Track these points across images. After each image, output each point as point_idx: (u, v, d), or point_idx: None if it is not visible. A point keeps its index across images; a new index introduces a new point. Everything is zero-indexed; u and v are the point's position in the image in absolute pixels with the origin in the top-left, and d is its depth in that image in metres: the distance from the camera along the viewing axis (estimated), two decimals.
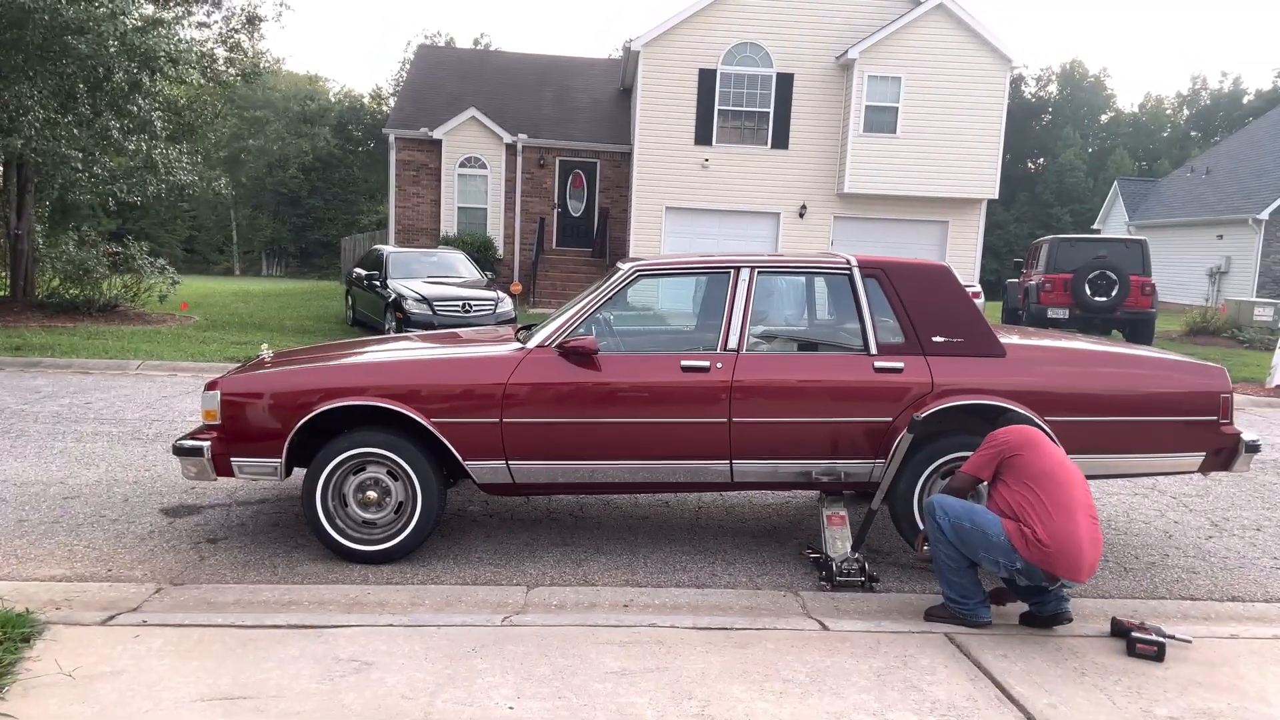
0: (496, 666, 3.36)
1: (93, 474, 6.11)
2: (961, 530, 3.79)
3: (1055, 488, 3.68)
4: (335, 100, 52.72)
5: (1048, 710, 3.18)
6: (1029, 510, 3.67)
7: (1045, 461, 3.77)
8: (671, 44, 20.27)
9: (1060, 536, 3.59)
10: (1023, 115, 49.20)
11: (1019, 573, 3.72)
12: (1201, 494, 6.67)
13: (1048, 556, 3.60)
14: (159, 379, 10.17)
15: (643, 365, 4.55)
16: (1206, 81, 55.69)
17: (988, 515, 3.78)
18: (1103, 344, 5.32)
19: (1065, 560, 3.59)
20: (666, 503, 5.95)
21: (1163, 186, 33.18)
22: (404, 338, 5.68)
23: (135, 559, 4.61)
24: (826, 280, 4.99)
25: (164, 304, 16.21)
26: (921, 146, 20.03)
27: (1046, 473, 3.73)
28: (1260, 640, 3.91)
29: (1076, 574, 3.61)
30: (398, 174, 22.13)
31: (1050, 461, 3.77)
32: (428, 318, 12.51)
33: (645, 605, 4.13)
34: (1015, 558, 3.68)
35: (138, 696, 3.05)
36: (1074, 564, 3.59)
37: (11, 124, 13.51)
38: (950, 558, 3.85)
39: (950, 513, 3.83)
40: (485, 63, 26.57)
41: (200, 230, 46.93)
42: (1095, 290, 15.58)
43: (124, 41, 12.84)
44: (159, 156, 15.81)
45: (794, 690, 3.26)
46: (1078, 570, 3.60)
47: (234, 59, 18.70)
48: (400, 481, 4.54)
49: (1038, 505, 3.66)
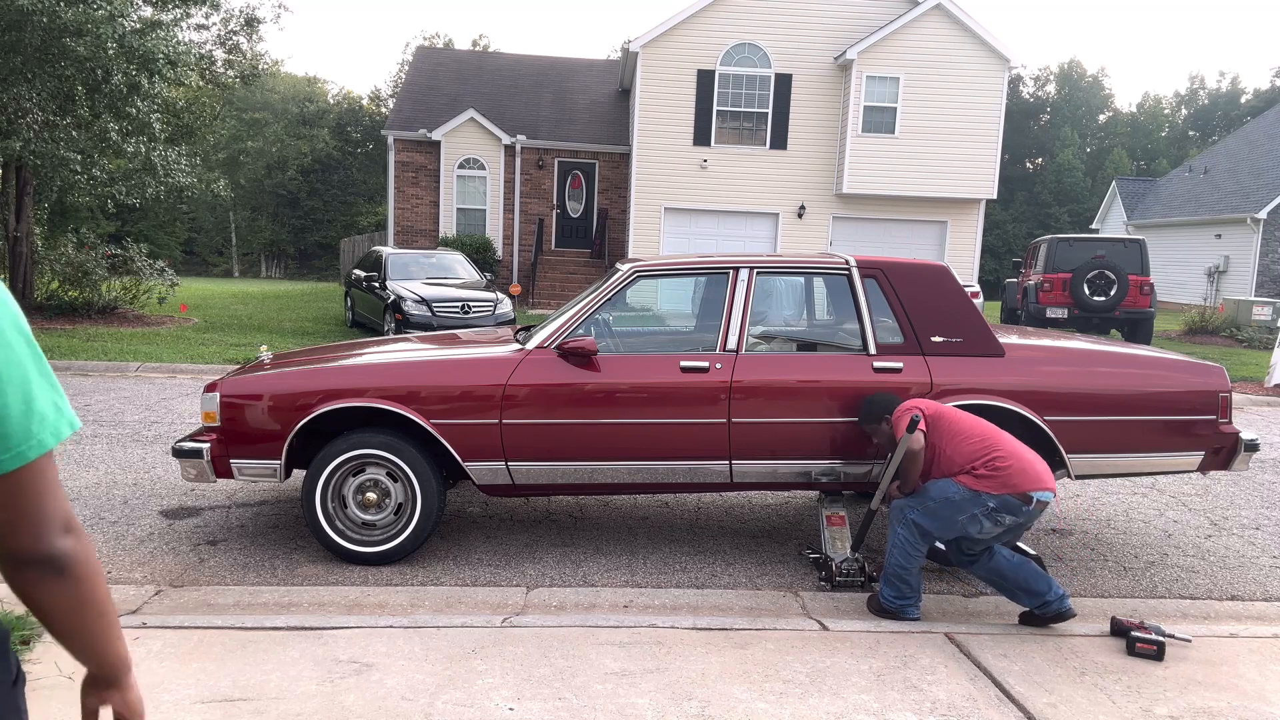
0: (496, 667, 3.36)
1: (92, 476, 6.10)
2: (931, 511, 3.89)
3: (975, 423, 3.99)
4: (334, 102, 52.72)
5: (1048, 710, 3.19)
6: (971, 450, 3.86)
7: (953, 412, 4.09)
8: (670, 45, 20.28)
9: (1007, 453, 3.81)
10: (1021, 115, 49.24)
11: (997, 512, 3.79)
12: (1201, 493, 6.67)
13: (1009, 475, 3.75)
14: (158, 381, 10.16)
15: (642, 366, 4.56)
16: (1204, 81, 55.71)
17: (938, 483, 3.92)
18: (1101, 343, 5.32)
19: (1024, 469, 3.76)
20: (666, 503, 5.95)
21: (1161, 186, 33.20)
22: (403, 339, 5.68)
23: (135, 561, 4.61)
24: (825, 280, 5.00)
25: (163, 306, 16.21)
26: (920, 147, 20.04)
27: (961, 416, 4.05)
28: (1260, 639, 3.91)
29: (1039, 479, 3.76)
30: (396, 175, 22.13)
31: (956, 411, 4.10)
32: (427, 319, 12.51)
33: (645, 606, 4.13)
34: (984, 499, 3.77)
35: None
36: (1033, 469, 3.77)
37: (10, 126, 13.50)
38: (912, 555, 3.95)
39: (915, 504, 3.95)
40: (484, 64, 26.58)
41: (199, 232, 46.91)
42: (1094, 290, 15.59)
43: (122, 43, 12.83)
44: (158, 158, 15.80)
45: (794, 690, 3.26)
46: (1038, 475, 3.76)
47: (233, 61, 18.72)
48: (400, 483, 4.54)
49: (975, 441, 3.89)
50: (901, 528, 3.95)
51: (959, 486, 3.84)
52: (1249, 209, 24.83)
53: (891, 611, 3.99)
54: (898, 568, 3.96)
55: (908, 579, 3.97)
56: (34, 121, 13.57)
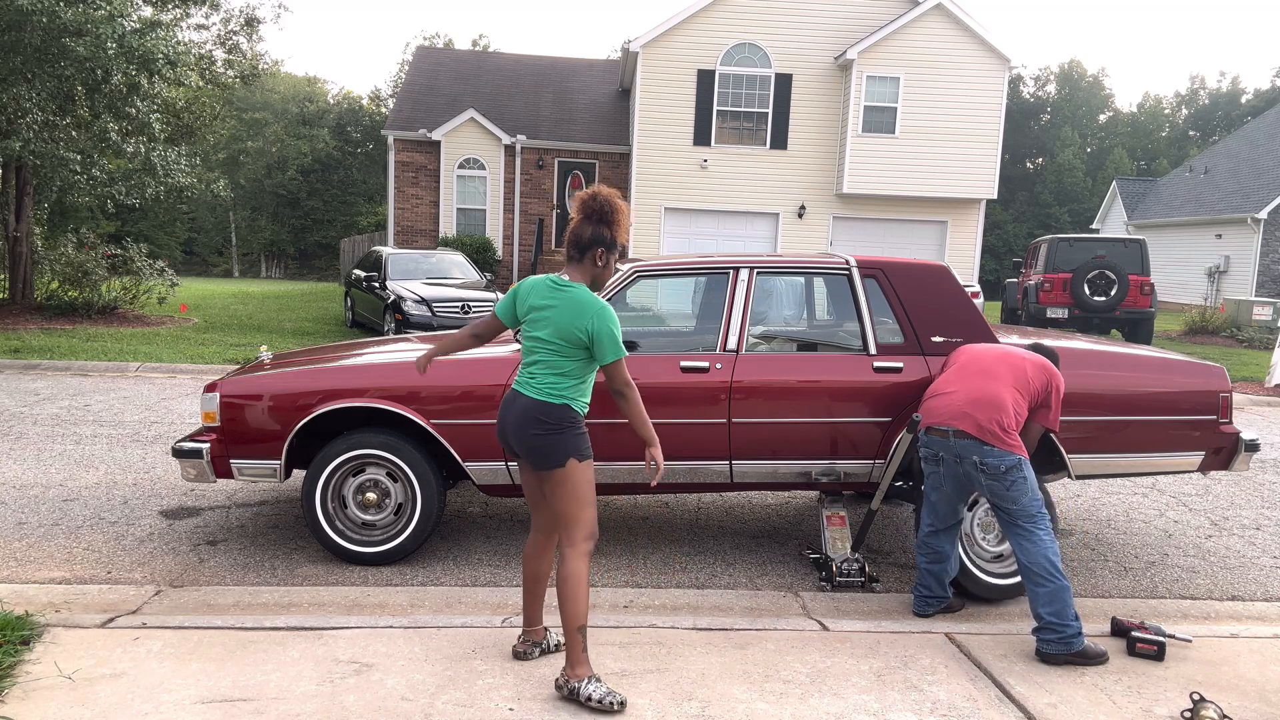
0: (496, 668, 3.36)
1: (92, 476, 6.10)
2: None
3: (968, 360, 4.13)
4: (334, 102, 52.73)
5: (1048, 710, 3.18)
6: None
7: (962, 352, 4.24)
8: (670, 45, 20.28)
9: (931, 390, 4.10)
10: (1021, 115, 49.23)
11: (924, 447, 4.02)
12: (1201, 493, 6.67)
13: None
14: (158, 381, 10.16)
15: (642, 366, 4.55)
16: (1205, 81, 55.74)
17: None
18: (1102, 343, 5.32)
19: (929, 407, 4.00)
20: (666, 503, 5.95)
21: (1161, 186, 33.20)
22: (403, 339, 5.68)
23: (135, 561, 4.60)
24: (825, 280, 4.99)
25: (163, 306, 16.20)
26: (920, 146, 20.03)
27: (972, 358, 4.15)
28: (1260, 639, 3.91)
29: (929, 414, 3.95)
30: (396, 175, 22.13)
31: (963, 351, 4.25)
32: (427, 319, 12.51)
33: (645, 606, 4.13)
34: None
35: (138, 699, 3.05)
36: (932, 407, 3.97)
37: (10, 126, 13.51)
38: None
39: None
40: (484, 64, 26.57)
41: (199, 232, 46.92)
42: (1094, 290, 15.60)
43: (122, 43, 12.83)
44: (157, 158, 15.81)
45: (794, 691, 3.26)
46: (929, 410, 3.97)
47: (232, 61, 18.74)
48: (400, 483, 4.54)
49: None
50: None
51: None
52: (1249, 209, 24.83)
53: (1073, 654, 3.57)
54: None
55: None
56: (34, 121, 13.57)
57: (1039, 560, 3.62)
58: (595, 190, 3.23)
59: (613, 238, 3.22)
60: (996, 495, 3.73)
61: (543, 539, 3.42)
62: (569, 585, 3.12)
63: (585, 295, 3.14)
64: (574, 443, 3.15)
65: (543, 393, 3.16)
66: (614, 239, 3.22)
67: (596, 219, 3.21)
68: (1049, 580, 3.58)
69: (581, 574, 3.13)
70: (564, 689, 3.13)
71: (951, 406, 3.85)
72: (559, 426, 3.14)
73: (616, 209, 3.21)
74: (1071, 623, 3.54)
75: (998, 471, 3.68)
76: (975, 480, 3.78)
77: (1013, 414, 3.76)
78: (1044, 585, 3.59)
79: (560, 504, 3.17)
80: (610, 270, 3.27)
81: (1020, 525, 3.68)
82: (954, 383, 3.96)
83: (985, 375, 3.89)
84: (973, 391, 3.84)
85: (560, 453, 3.13)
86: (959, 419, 3.79)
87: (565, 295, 3.17)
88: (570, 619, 3.13)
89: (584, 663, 3.13)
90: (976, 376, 3.90)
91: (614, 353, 3.13)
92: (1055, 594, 3.56)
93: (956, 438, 3.79)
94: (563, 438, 3.14)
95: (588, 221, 3.21)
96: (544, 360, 3.19)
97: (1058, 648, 3.54)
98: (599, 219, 3.21)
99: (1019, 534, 3.69)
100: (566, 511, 3.16)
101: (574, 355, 3.15)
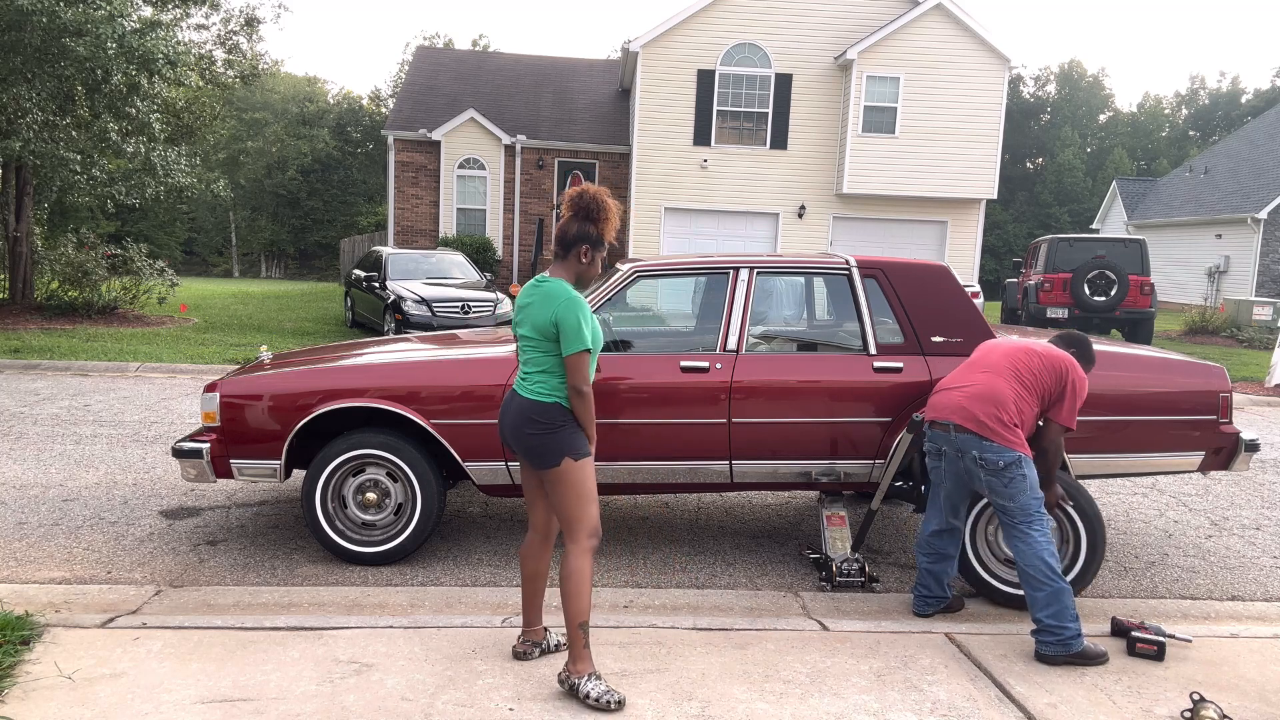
0: (496, 668, 3.36)
1: (92, 476, 6.10)
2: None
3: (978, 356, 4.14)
4: (334, 102, 52.72)
5: (1048, 710, 3.18)
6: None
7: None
8: (670, 45, 20.28)
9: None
10: (1021, 115, 49.23)
11: (930, 442, 4.05)
12: (1201, 493, 6.67)
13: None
14: (158, 381, 10.16)
15: (642, 366, 4.55)
16: (1205, 81, 55.74)
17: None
18: (1102, 344, 5.32)
19: (931, 402, 4.04)
20: (666, 503, 5.95)
21: (1161, 186, 33.20)
22: (403, 339, 5.68)
23: (135, 561, 4.60)
24: (825, 281, 4.99)
25: (163, 306, 16.20)
26: (920, 146, 20.03)
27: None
28: (1260, 639, 3.91)
29: (930, 408, 4.00)
30: (396, 175, 22.13)
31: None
32: (427, 319, 12.51)
33: (645, 606, 4.13)
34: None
35: (138, 699, 3.05)
36: (934, 400, 4.02)
37: (10, 126, 13.51)
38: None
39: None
40: (484, 64, 26.57)
41: (199, 232, 46.92)
42: (1094, 290, 15.60)
43: (122, 43, 12.84)
44: (157, 158, 15.81)
45: (794, 691, 3.26)
46: (930, 405, 4.01)
47: (232, 61, 18.74)
48: (400, 483, 4.54)
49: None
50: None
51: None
52: (1250, 209, 24.82)
53: (1072, 655, 3.56)
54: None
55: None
56: (34, 121, 13.57)
57: (1034, 562, 3.62)
58: (584, 188, 3.24)
59: (599, 235, 3.21)
60: (995, 492, 3.73)
61: (539, 538, 3.43)
62: (571, 582, 3.14)
63: (557, 287, 3.14)
64: (569, 441, 3.16)
65: (534, 392, 3.18)
66: (600, 236, 3.21)
67: (583, 216, 3.21)
68: (1047, 583, 3.58)
69: (584, 571, 3.14)
70: (565, 683, 3.15)
71: (953, 401, 3.87)
72: (552, 426, 3.15)
73: (603, 206, 3.20)
74: (1070, 625, 3.54)
75: (996, 467, 3.68)
76: (975, 475, 3.77)
77: (1014, 410, 3.75)
78: (1042, 589, 3.59)
79: (561, 502, 3.18)
80: (596, 268, 3.27)
81: (1017, 525, 3.68)
82: (960, 378, 3.98)
83: (989, 370, 3.90)
84: (975, 386, 3.85)
85: (555, 452, 3.14)
86: (959, 413, 3.81)
87: (541, 290, 3.18)
88: (572, 615, 3.14)
89: (585, 659, 3.14)
90: (981, 371, 3.92)
91: (575, 344, 3.07)
92: (1053, 597, 3.57)
93: (957, 432, 3.80)
94: (557, 437, 3.15)
95: (574, 219, 3.22)
96: (531, 358, 3.20)
97: (1057, 649, 3.54)
98: (585, 216, 3.21)
99: (1015, 534, 3.70)
100: (568, 509, 3.17)
101: (552, 350, 3.15)
